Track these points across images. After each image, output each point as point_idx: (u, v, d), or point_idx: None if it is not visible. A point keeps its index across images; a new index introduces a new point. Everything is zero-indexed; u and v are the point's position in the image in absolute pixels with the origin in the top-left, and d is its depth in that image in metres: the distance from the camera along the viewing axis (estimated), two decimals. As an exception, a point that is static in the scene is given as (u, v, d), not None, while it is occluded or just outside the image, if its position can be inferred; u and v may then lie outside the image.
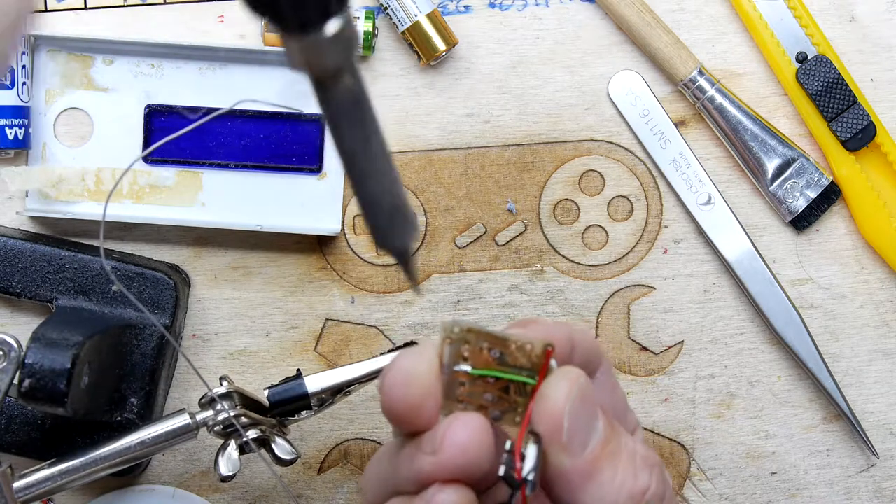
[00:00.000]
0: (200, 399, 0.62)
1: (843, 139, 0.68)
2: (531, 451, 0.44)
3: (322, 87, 0.39)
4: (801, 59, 0.68)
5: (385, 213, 0.43)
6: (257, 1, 0.36)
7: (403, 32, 0.67)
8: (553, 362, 0.45)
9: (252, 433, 0.61)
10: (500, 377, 0.45)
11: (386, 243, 0.45)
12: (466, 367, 0.45)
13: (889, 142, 0.68)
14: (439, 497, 0.43)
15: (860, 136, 0.68)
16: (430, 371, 0.45)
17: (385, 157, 0.42)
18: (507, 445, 0.44)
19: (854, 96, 0.67)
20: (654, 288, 0.69)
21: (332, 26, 0.37)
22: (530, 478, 0.43)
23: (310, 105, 0.68)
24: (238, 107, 0.67)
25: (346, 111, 0.40)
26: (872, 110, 0.68)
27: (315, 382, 0.62)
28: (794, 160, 0.68)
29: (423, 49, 0.67)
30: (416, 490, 0.44)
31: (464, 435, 0.43)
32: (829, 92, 0.67)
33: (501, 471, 0.44)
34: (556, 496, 0.45)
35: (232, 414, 0.61)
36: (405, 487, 0.45)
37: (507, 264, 0.69)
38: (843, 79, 0.67)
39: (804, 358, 0.68)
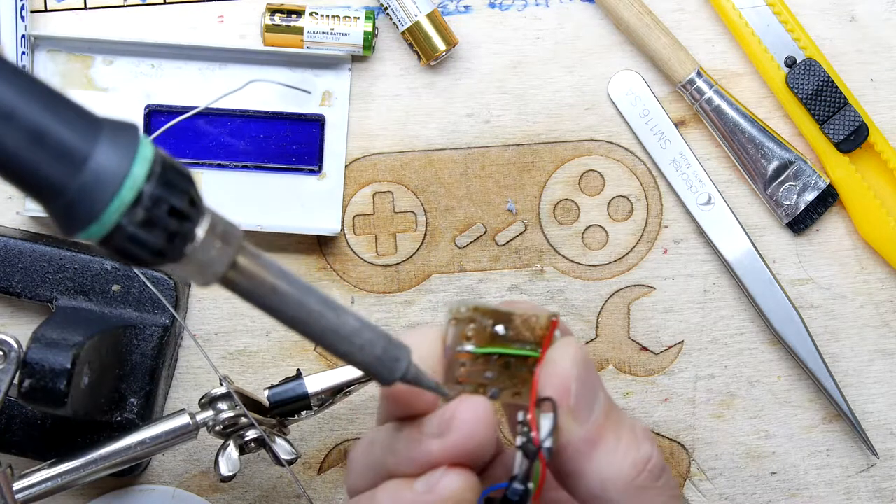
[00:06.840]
0: (200, 399, 0.62)
1: (835, 141, 0.68)
2: (545, 419, 0.44)
3: (229, 283, 0.37)
4: (790, 63, 0.68)
5: (372, 351, 0.42)
6: (137, 260, 0.35)
7: (403, 32, 0.67)
8: (557, 332, 0.46)
9: (252, 433, 0.61)
10: (503, 353, 0.45)
11: (394, 376, 0.43)
12: (469, 347, 0.45)
13: (882, 141, 0.68)
14: (445, 480, 0.43)
15: (853, 138, 0.68)
16: (431, 354, 0.45)
17: (332, 306, 0.40)
18: (520, 417, 0.44)
19: (845, 98, 0.67)
20: (654, 288, 0.69)
21: (201, 230, 0.35)
22: (547, 444, 0.43)
23: (310, 104, 0.68)
24: (242, 107, 0.68)
25: (265, 293, 0.38)
26: (864, 111, 0.68)
27: (315, 382, 0.62)
28: (791, 163, 0.68)
29: (423, 49, 0.67)
30: (416, 473, 0.44)
31: (471, 417, 0.43)
32: (819, 95, 0.67)
33: (518, 441, 0.44)
34: (561, 467, 0.45)
35: (232, 414, 0.61)
36: (403, 470, 0.44)
37: (507, 264, 0.69)
38: (832, 81, 0.67)
39: (804, 358, 0.68)
